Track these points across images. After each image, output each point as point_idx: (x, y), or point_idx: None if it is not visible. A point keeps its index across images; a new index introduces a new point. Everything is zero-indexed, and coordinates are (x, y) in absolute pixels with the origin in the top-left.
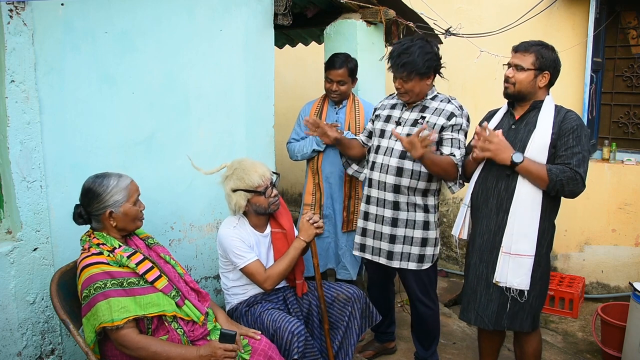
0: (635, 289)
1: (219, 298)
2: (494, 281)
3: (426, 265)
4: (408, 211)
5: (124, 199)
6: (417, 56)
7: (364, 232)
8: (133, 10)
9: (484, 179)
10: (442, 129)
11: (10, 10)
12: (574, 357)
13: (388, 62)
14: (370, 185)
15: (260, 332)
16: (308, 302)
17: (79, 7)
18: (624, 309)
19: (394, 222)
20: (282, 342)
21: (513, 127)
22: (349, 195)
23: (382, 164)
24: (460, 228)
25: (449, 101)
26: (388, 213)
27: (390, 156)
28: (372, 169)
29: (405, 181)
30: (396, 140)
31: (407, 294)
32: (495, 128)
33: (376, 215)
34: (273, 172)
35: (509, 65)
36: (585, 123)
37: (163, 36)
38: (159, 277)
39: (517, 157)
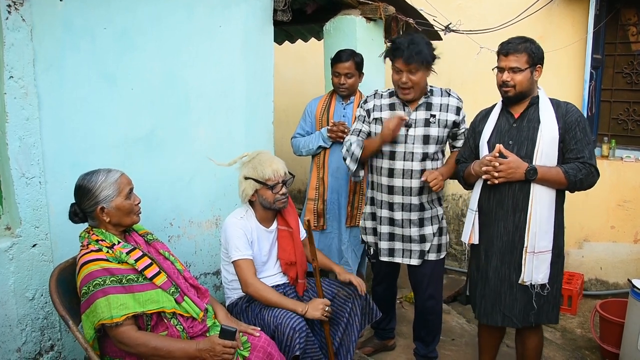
0: (634, 286)
1: (218, 294)
2: (520, 282)
3: (443, 254)
4: (431, 208)
5: (114, 194)
6: (423, 47)
7: (392, 236)
8: (132, 7)
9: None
10: (455, 124)
11: (9, 6)
12: (573, 353)
13: (393, 54)
14: (391, 192)
15: (259, 329)
16: (308, 298)
17: (78, 3)
18: (622, 305)
19: (421, 223)
20: (283, 338)
21: (514, 125)
22: (354, 190)
23: (403, 169)
24: (470, 233)
25: (449, 94)
26: (415, 216)
27: (412, 160)
28: (390, 175)
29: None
30: (413, 143)
31: (415, 292)
32: (493, 129)
33: (402, 220)
34: (289, 173)
35: (502, 69)
36: None
37: (162, 33)
38: (158, 273)
39: (531, 174)
